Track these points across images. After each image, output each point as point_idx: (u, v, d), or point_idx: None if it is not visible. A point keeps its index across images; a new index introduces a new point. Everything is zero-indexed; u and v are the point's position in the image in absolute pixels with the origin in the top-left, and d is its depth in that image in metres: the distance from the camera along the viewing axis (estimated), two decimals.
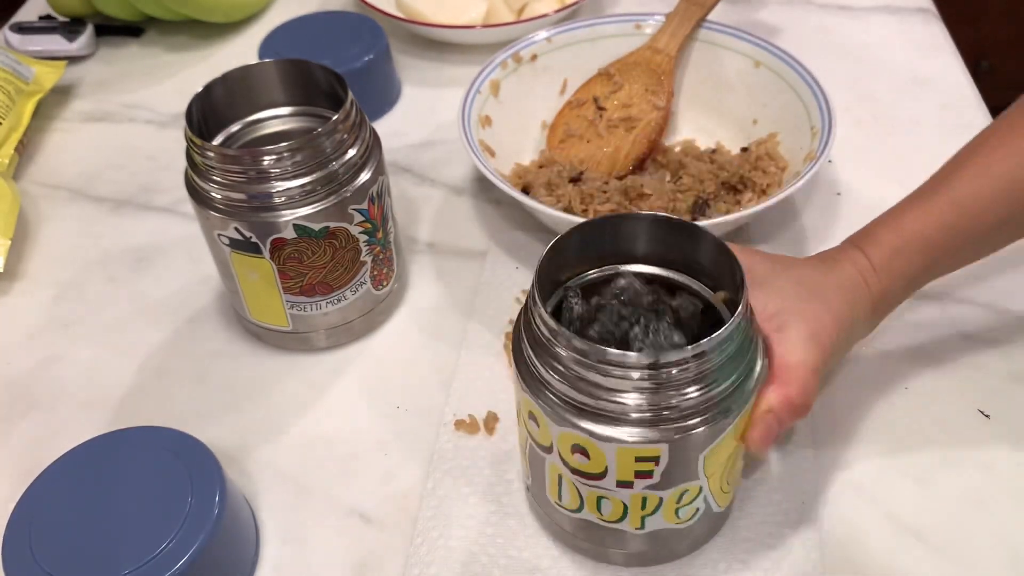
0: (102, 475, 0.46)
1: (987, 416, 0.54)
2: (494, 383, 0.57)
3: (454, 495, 0.51)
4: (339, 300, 0.57)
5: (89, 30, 0.88)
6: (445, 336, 0.60)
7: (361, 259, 0.56)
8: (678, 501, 0.43)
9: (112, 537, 0.44)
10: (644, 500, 0.43)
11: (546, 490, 0.46)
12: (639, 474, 0.41)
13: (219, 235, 0.53)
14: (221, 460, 0.47)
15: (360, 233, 0.55)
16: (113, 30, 0.90)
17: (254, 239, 0.52)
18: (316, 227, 0.52)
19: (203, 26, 0.90)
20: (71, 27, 0.88)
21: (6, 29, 0.88)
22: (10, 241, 0.67)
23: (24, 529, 0.44)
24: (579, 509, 0.45)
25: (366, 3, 0.84)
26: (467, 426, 0.54)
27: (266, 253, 0.53)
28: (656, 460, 0.40)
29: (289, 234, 0.52)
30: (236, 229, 0.52)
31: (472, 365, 0.58)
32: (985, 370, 0.56)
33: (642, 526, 0.44)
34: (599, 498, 0.43)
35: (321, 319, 0.58)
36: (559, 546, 0.49)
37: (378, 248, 0.57)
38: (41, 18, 0.91)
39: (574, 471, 0.43)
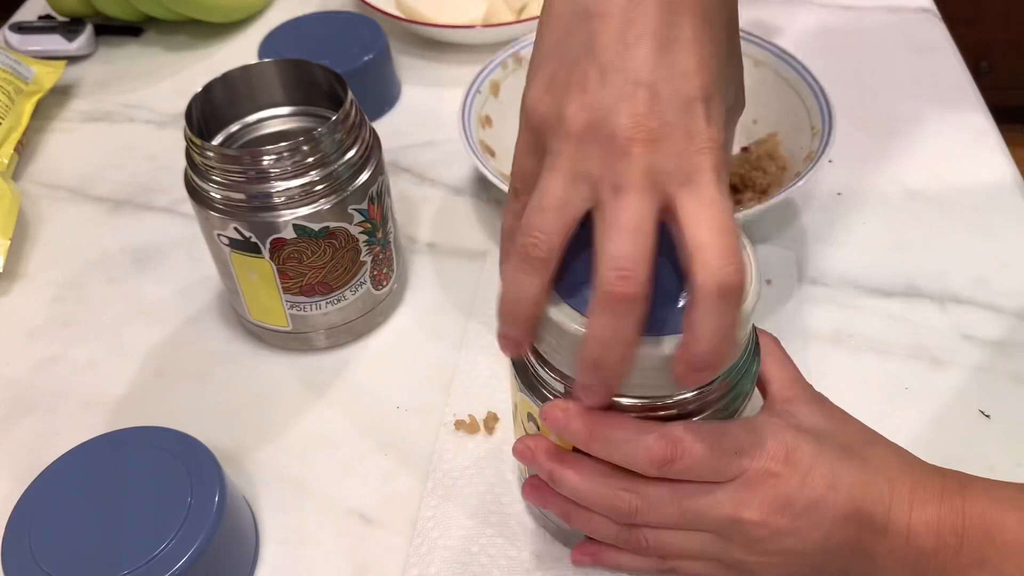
0: (102, 475, 0.46)
1: (987, 416, 0.54)
2: (494, 383, 0.57)
3: (454, 495, 0.51)
4: (339, 300, 0.57)
5: (88, 30, 0.88)
6: (445, 336, 0.60)
7: (361, 259, 0.56)
8: None
9: (112, 537, 0.44)
10: None
11: None
12: None
13: (219, 235, 0.53)
14: (221, 460, 0.47)
15: (360, 233, 0.55)
16: (112, 30, 0.90)
17: (254, 239, 0.52)
18: (316, 227, 0.52)
19: (203, 26, 0.90)
20: (71, 27, 0.88)
21: (6, 29, 0.88)
22: (10, 241, 0.67)
23: (24, 529, 0.44)
24: None
25: (366, 3, 0.84)
26: (467, 426, 0.54)
27: (266, 253, 0.53)
28: None
29: (289, 234, 0.52)
30: (236, 229, 0.52)
31: (472, 365, 0.58)
32: (985, 370, 0.56)
33: None
34: None
35: (321, 319, 0.58)
36: (559, 546, 0.49)
37: (378, 248, 0.57)
38: (40, 18, 0.91)
39: None
